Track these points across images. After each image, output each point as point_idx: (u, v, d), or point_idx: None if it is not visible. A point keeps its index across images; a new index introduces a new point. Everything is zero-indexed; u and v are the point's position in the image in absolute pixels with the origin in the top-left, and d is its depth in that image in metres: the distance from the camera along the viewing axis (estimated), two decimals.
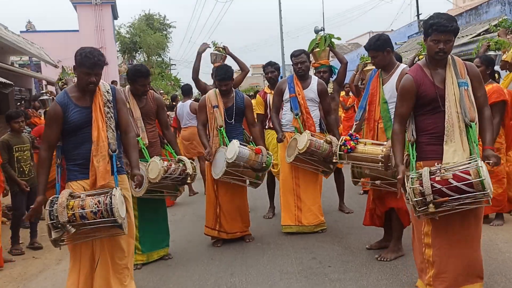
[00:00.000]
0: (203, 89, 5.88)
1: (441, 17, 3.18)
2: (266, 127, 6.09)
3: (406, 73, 3.39)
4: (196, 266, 4.36)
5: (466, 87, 3.19)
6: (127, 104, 4.22)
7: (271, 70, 6.09)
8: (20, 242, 5.48)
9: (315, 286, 3.71)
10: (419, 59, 6.11)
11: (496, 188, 4.92)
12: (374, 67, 4.55)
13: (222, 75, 4.91)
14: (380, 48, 4.14)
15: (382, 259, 4.13)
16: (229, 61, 6.16)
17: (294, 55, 5.26)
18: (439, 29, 3.16)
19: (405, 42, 18.46)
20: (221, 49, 6.42)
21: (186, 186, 7.29)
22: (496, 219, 5.09)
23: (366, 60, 6.56)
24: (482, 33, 12.42)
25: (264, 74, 6.37)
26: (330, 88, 5.85)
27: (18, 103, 9.28)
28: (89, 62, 3.23)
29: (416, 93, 3.26)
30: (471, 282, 3.24)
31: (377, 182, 4.09)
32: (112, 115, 3.36)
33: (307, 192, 5.15)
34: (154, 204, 4.59)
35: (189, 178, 4.40)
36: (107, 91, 3.39)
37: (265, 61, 6.33)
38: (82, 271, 3.36)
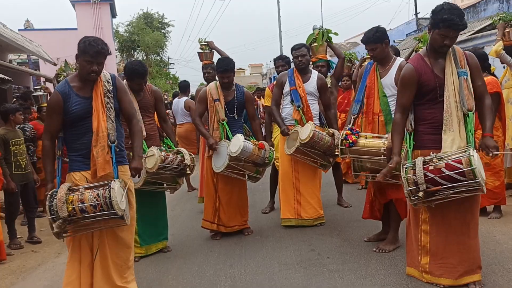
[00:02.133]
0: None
1: (453, 12, 3.15)
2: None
3: (407, 63, 3.41)
4: (195, 258, 4.38)
5: (465, 77, 3.23)
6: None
7: (281, 63, 6.14)
8: (18, 236, 5.49)
9: (314, 277, 3.73)
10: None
11: (493, 181, 4.96)
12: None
13: (225, 66, 4.89)
14: (379, 40, 4.14)
15: (380, 251, 4.15)
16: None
17: (294, 48, 5.27)
18: (451, 27, 3.16)
19: (403, 40, 18.50)
20: (204, 46, 6.46)
21: (185, 183, 7.37)
22: (494, 212, 5.10)
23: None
24: (480, 31, 12.47)
25: (274, 67, 6.40)
26: (328, 83, 5.86)
27: (14, 99, 9.31)
28: (92, 50, 3.20)
29: (417, 82, 3.28)
30: (471, 274, 3.28)
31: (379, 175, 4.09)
32: (112, 105, 3.35)
33: (307, 186, 5.16)
34: (154, 197, 4.60)
35: (188, 169, 4.38)
36: (107, 81, 3.37)
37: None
38: (82, 262, 3.36)
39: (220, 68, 4.90)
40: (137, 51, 32.61)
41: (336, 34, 6.07)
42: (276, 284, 3.64)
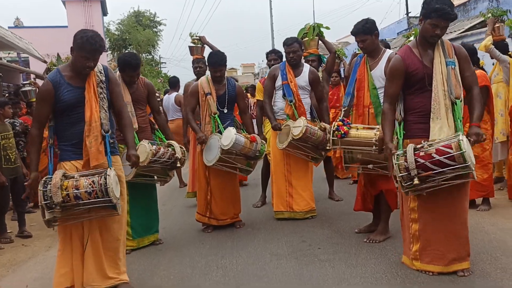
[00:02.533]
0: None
1: (445, 2, 3.20)
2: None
3: (396, 54, 3.46)
4: (187, 250, 4.38)
5: (453, 66, 3.28)
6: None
7: (274, 57, 6.13)
8: (9, 231, 5.46)
9: (305, 266, 3.75)
10: None
11: (482, 174, 5.01)
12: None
13: (218, 60, 4.89)
14: (369, 31, 4.17)
15: (370, 241, 4.18)
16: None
17: (286, 44, 5.25)
18: (443, 16, 3.21)
19: (394, 38, 18.60)
20: (196, 41, 6.46)
21: (176, 178, 7.36)
22: (482, 204, 5.17)
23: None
24: (469, 29, 12.59)
25: (267, 60, 6.43)
26: (319, 77, 5.89)
27: (6, 95, 9.30)
28: (90, 48, 3.19)
29: (404, 73, 3.32)
30: (460, 261, 3.32)
31: (370, 166, 4.13)
32: (105, 95, 3.36)
33: (298, 179, 5.18)
34: (145, 189, 4.58)
35: (178, 163, 4.39)
36: (100, 72, 3.38)
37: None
38: (74, 254, 3.35)
39: (213, 62, 4.89)
40: (128, 49, 32.43)
41: (327, 28, 6.09)
42: (268, 273, 3.66)
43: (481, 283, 3.20)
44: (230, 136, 4.60)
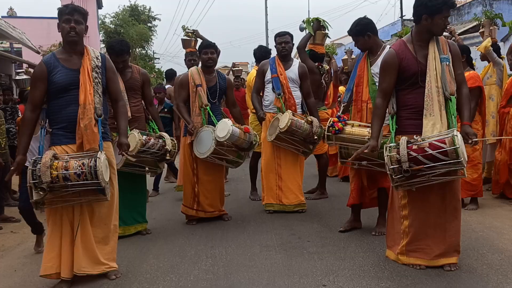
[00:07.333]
0: None
1: None
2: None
3: (390, 48, 3.49)
4: (177, 240, 4.39)
5: (447, 63, 3.31)
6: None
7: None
8: None
9: (294, 258, 3.77)
10: None
11: (471, 173, 5.05)
12: None
13: (208, 42, 4.97)
14: (360, 33, 4.21)
15: (379, 234, 4.18)
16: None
17: (279, 35, 5.32)
18: (452, 6, 3.28)
19: (388, 40, 18.71)
20: (190, 34, 6.47)
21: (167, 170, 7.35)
22: (471, 203, 5.23)
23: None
24: (463, 33, 12.70)
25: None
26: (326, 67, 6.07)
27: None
28: (67, 9, 3.30)
29: (398, 67, 3.35)
30: (447, 256, 3.36)
31: (364, 162, 4.15)
32: (99, 80, 3.36)
33: (288, 172, 5.21)
34: (134, 179, 4.57)
35: (168, 155, 4.38)
36: (96, 57, 3.40)
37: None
38: (63, 239, 3.34)
39: (204, 44, 4.98)
40: None
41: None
42: (257, 263, 3.67)
43: (467, 278, 3.24)
44: (226, 128, 4.60)
